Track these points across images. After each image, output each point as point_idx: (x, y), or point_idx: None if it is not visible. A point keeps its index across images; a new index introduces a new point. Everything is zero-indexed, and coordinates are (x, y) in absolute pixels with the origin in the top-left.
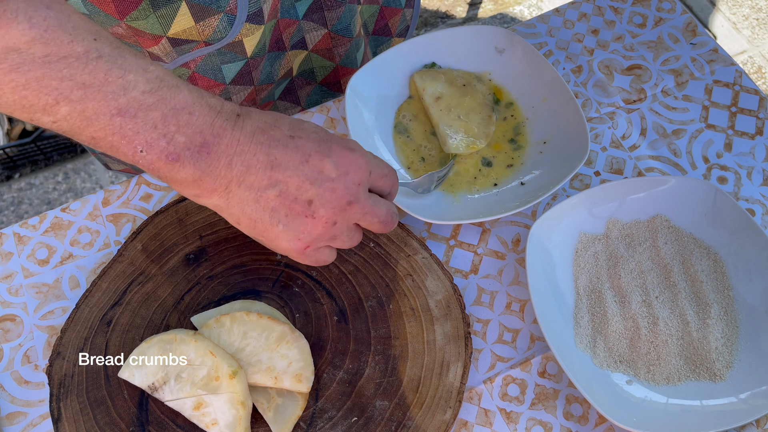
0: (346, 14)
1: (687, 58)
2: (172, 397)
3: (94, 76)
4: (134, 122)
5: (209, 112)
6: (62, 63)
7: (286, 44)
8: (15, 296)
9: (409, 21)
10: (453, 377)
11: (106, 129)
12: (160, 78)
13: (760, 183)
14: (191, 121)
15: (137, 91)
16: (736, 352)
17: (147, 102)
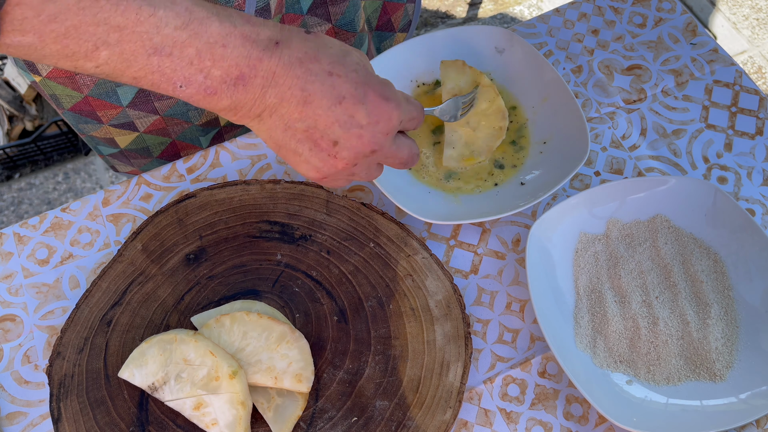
0: (350, 9)
1: (687, 58)
2: (172, 397)
3: (126, 17)
4: (171, 60)
5: (244, 42)
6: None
7: None
8: (15, 296)
9: (411, 16)
10: (453, 377)
11: (145, 69)
12: (190, 10)
13: (760, 183)
14: (226, 54)
15: (169, 28)
16: (736, 352)
17: (180, 38)
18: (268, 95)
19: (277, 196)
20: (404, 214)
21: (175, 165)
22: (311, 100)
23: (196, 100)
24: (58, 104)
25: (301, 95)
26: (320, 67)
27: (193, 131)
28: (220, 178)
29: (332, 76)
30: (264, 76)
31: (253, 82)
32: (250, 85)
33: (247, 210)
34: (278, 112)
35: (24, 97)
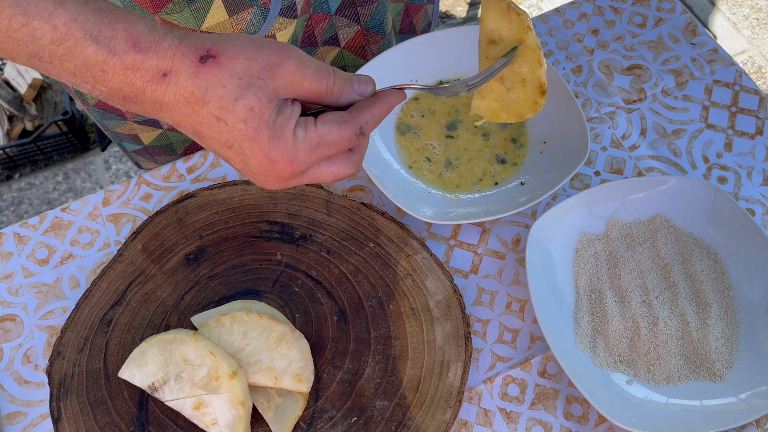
0: (379, 10)
1: (687, 58)
2: (172, 397)
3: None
4: (52, 67)
5: (125, 71)
6: None
7: (318, 40)
8: (15, 296)
9: (430, 17)
10: (453, 377)
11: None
12: (68, 26)
13: (760, 183)
14: (106, 78)
15: (45, 41)
16: (736, 352)
17: (58, 52)
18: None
19: (277, 196)
20: (404, 214)
21: (175, 165)
22: (203, 137)
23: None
24: (83, 100)
25: (192, 130)
26: (207, 110)
27: None
28: (220, 178)
29: (219, 122)
30: (150, 106)
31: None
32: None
33: (247, 210)
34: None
35: (24, 97)
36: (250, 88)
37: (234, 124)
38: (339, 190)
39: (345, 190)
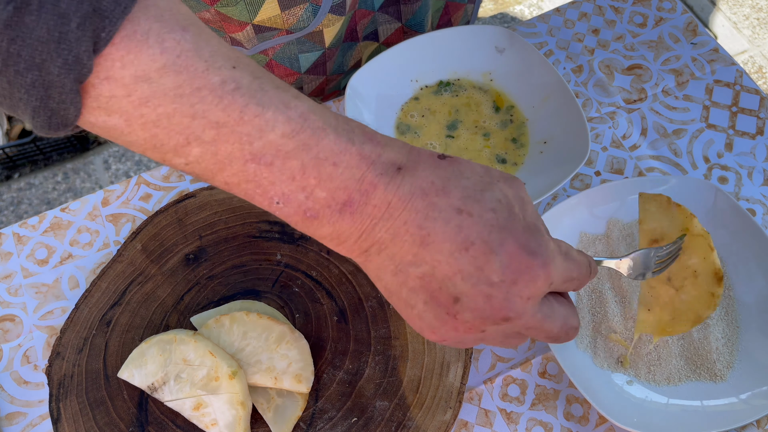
0: (421, 9)
1: (687, 57)
2: (171, 398)
3: (228, 113)
4: (270, 171)
5: (360, 162)
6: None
7: (359, 35)
8: (14, 296)
9: (469, 16)
10: (453, 377)
11: (239, 175)
12: (304, 116)
13: (760, 183)
14: (335, 174)
15: (275, 134)
16: (736, 353)
17: (285, 148)
18: (378, 229)
19: None
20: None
21: None
22: (430, 242)
23: (293, 220)
24: None
25: (418, 234)
26: (448, 202)
27: None
28: None
29: (461, 215)
30: (376, 206)
31: (362, 210)
32: (358, 214)
33: (247, 210)
34: (388, 250)
35: None
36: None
37: (481, 215)
38: None
39: None
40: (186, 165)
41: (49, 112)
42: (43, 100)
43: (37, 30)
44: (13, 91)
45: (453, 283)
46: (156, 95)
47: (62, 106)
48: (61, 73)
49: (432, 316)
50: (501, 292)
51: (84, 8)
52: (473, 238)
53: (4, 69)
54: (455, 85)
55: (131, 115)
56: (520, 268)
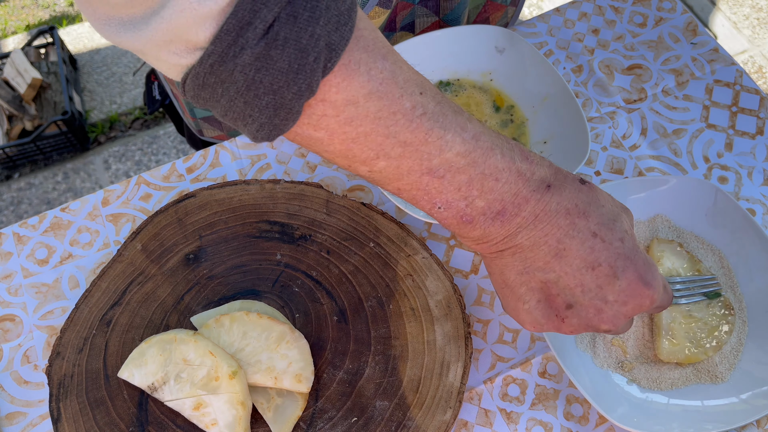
0: (459, 5)
1: (687, 57)
2: (171, 398)
3: (415, 135)
4: (440, 182)
5: (517, 179)
6: (390, 119)
7: (397, 26)
8: (14, 296)
9: (509, 18)
10: (453, 377)
11: (412, 184)
12: (476, 138)
13: (760, 183)
14: (495, 187)
15: (452, 153)
16: (740, 355)
17: (458, 164)
18: (521, 236)
19: (277, 195)
20: (404, 214)
21: (174, 165)
22: (564, 255)
23: (447, 223)
24: None
25: (556, 246)
26: (586, 224)
27: None
28: (220, 178)
29: (595, 238)
30: (525, 217)
31: (512, 220)
32: (508, 223)
33: (247, 210)
34: (523, 254)
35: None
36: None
37: (611, 242)
38: (339, 189)
39: (345, 190)
40: (369, 173)
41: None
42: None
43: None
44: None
45: (572, 293)
46: (359, 117)
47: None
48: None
49: (541, 314)
50: (612, 309)
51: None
52: (601, 261)
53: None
54: (455, 85)
55: (335, 131)
56: (633, 294)
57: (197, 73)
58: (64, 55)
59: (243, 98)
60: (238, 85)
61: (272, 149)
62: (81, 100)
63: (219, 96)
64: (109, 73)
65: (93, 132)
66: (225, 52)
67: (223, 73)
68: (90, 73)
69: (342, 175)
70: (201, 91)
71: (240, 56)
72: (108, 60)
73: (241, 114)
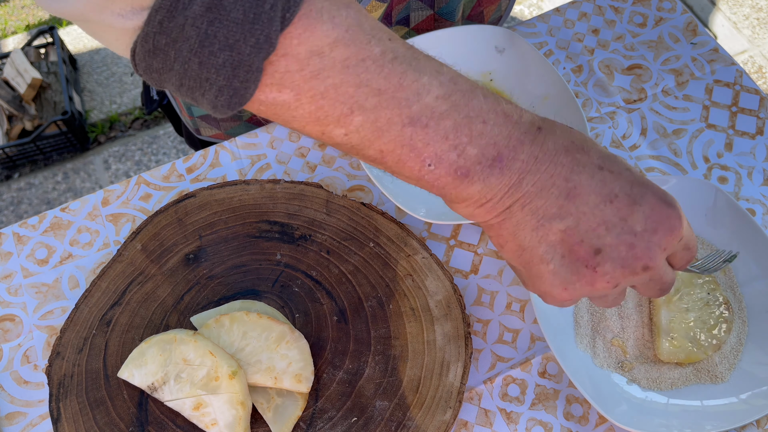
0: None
1: (687, 57)
2: (171, 398)
3: (388, 80)
4: (425, 132)
5: (505, 121)
6: (360, 66)
7: (392, 19)
8: (14, 296)
9: (503, 11)
10: (453, 377)
11: (395, 141)
12: (454, 80)
13: (760, 183)
14: (485, 131)
15: (430, 97)
16: (740, 355)
17: (439, 109)
18: (526, 182)
19: (277, 195)
20: (404, 214)
21: (174, 165)
22: (577, 194)
23: (442, 183)
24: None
25: (565, 186)
26: (589, 159)
27: None
28: (220, 178)
29: (603, 171)
30: (524, 160)
31: (511, 165)
32: (507, 169)
33: (247, 210)
34: (532, 204)
35: (23, 96)
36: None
37: (620, 172)
38: (339, 189)
39: (345, 190)
40: (345, 136)
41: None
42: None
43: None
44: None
45: (597, 234)
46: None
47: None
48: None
49: (568, 270)
50: (643, 241)
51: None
52: (617, 191)
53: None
54: None
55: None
56: (660, 218)
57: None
58: (64, 55)
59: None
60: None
61: (272, 149)
62: (81, 100)
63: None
64: (109, 73)
65: (93, 132)
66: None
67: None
68: (90, 73)
69: (342, 175)
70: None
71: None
72: (108, 60)
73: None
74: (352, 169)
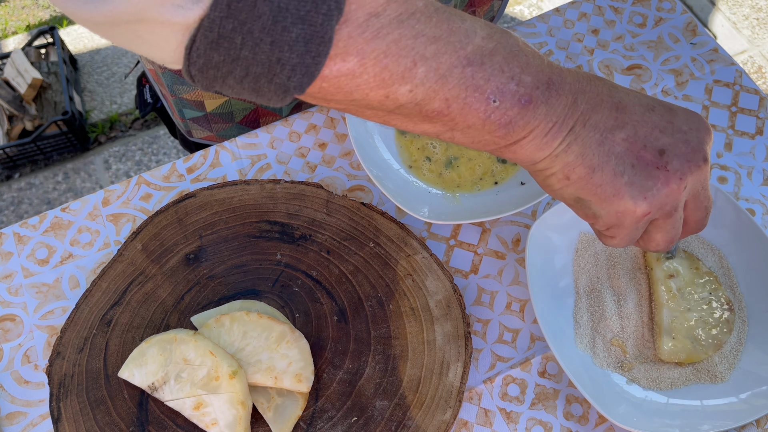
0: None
1: (687, 57)
2: (172, 397)
3: (439, 27)
4: (483, 70)
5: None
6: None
7: None
8: (15, 296)
9: (495, 12)
10: (453, 377)
11: (459, 84)
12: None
13: (760, 183)
14: (531, 62)
15: (478, 37)
16: (740, 355)
17: (488, 47)
18: (579, 101)
19: (277, 195)
20: (404, 214)
21: (174, 165)
22: (624, 105)
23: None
24: (157, 65)
25: (612, 101)
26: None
27: None
28: (220, 178)
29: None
30: (571, 83)
31: (562, 87)
32: (561, 90)
33: (247, 210)
34: (592, 119)
35: (24, 97)
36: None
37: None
38: (339, 189)
39: (345, 190)
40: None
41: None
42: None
43: None
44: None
45: (655, 137)
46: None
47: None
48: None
49: (643, 176)
50: (694, 137)
51: None
52: (653, 104)
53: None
54: None
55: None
56: (696, 119)
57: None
58: (65, 55)
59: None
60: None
61: (272, 149)
62: (81, 100)
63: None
64: (109, 73)
65: (93, 132)
66: None
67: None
68: (90, 73)
69: (342, 175)
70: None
71: None
72: (108, 60)
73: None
74: (352, 169)
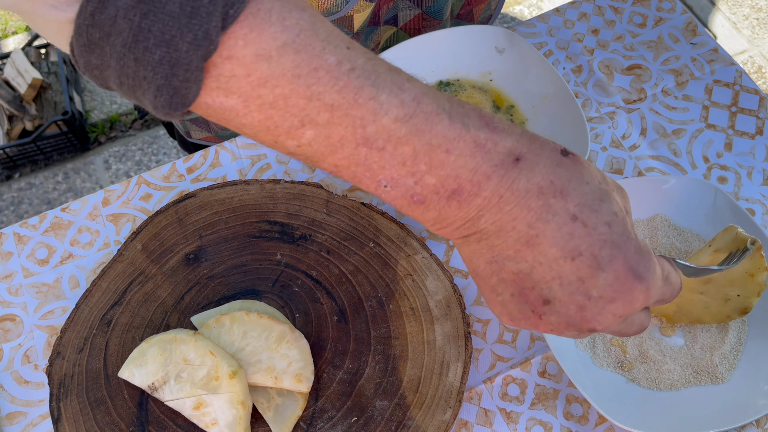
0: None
1: (687, 57)
2: (172, 397)
3: (343, 95)
4: (380, 155)
5: (474, 151)
6: (312, 77)
7: (380, 20)
8: (15, 296)
9: (492, 10)
10: (453, 377)
11: (349, 159)
12: (417, 100)
13: (760, 183)
14: (447, 161)
15: (388, 118)
16: (740, 355)
17: (397, 133)
18: (484, 220)
19: (277, 195)
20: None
21: (174, 165)
22: (536, 243)
23: (397, 203)
24: None
25: (526, 232)
26: (564, 206)
27: None
28: (220, 178)
29: (575, 222)
30: (486, 198)
31: (470, 201)
32: (466, 204)
33: (247, 210)
34: (489, 240)
35: (24, 97)
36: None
37: (595, 227)
38: (339, 189)
39: (345, 190)
40: (297, 147)
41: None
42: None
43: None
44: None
45: (549, 286)
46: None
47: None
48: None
49: (516, 309)
50: (596, 307)
51: None
52: (582, 249)
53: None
54: (455, 85)
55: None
56: (622, 290)
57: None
58: (65, 55)
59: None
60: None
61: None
62: (81, 100)
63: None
64: None
65: (93, 132)
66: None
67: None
68: None
69: None
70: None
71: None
72: None
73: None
74: None
